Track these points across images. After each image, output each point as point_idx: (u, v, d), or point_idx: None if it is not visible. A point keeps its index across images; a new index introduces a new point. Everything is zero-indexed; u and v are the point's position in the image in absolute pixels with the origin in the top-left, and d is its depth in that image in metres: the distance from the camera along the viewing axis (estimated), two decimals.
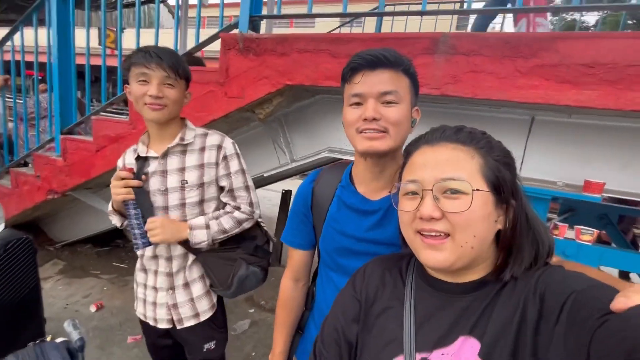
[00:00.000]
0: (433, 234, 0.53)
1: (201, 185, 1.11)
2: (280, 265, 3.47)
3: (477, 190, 0.51)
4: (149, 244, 1.09)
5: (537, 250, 0.56)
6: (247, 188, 1.16)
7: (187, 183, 1.10)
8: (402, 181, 0.59)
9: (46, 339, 1.61)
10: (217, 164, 1.12)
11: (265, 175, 2.18)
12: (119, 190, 1.04)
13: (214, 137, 1.14)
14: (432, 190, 0.53)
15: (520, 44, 1.14)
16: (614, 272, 2.44)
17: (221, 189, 1.16)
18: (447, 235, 0.52)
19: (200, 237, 1.09)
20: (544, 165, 1.53)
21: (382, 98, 0.71)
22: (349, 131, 0.76)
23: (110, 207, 1.18)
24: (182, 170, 1.11)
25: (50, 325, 2.04)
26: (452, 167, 0.53)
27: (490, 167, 0.54)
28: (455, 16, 7.51)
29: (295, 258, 0.97)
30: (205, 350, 1.25)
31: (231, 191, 1.14)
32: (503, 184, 0.54)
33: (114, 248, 3.41)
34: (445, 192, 0.52)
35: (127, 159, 1.19)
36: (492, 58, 1.18)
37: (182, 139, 1.11)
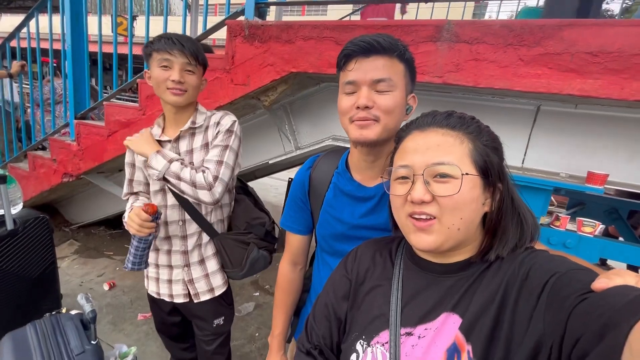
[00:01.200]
0: (424, 216, 0.54)
1: None
2: None
3: (467, 174, 0.53)
4: (138, 269, 1.14)
5: (522, 233, 0.58)
6: (219, 163, 1.10)
7: (193, 165, 1.14)
8: (393, 166, 0.61)
9: (62, 311, 1.71)
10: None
11: (270, 162, 2.21)
12: (135, 226, 1.04)
13: (216, 115, 1.18)
14: (422, 174, 0.54)
15: (524, 32, 1.12)
16: (622, 265, 2.41)
17: None
18: (434, 217, 0.54)
19: (157, 165, 1.07)
20: (548, 155, 1.52)
21: (375, 86, 0.71)
22: (343, 119, 0.76)
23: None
24: (191, 152, 1.16)
25: (66, 301, 2.16)
26: (442, 151, 0.55)
27: (479, 151, 0.55)
28: (471, 4, 7.28)
29: (293, 242, 0.99)
30: (215, 325, 1.32)
31: (206, 161, 1.12)
32: (491, 167, 0.55)
33: (126, 231, 3.53)
34: (436, 176, 0.54)
35: None
36: (495, 46, 1.17)
37: (193, 122, 1.16)
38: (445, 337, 0.54)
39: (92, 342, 1.23)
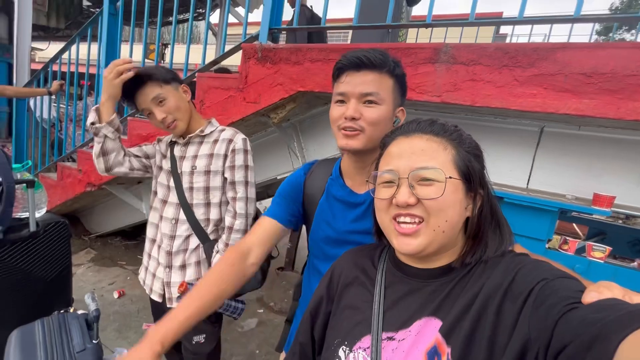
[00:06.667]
0: (408, 219, 0.56)
1: (207, 172, 1.21)
2: (294, 271, 3.52)
3: (450, 177, 0.55)
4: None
5: (501, 239, 0.59)
6: (246, 184, 1.22)
7: (195, 168, 1.21)
8: (378, 170, 0.63)
9: (69, 310, 1.78)
10: (225, 156, 1.22)
11: (278, 177, 2.28)
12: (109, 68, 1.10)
13: (227, 132, 1.25)
14: (407, 178, 0.56)
15: (518, 54, 1.17)
16: None
17: (226, 180, 1.25)
18: (422, 220, 0.55)
19: None
20: (553, 177, 1.51)
21: (363, 98, 0.76)
22: (333, 127, 0.82)
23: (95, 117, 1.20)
24: (195, 157, 1.23)
25: (77, 306, 2.22)
26: (426, 156, 0.56)
27: (462, 157, 0.57)
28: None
29: (263, 223, 0.90)
30: (194, 342, 1.27)
31: (232, 183, 1.22)
32: (473, 173, 0.57)
33: (140, 242, 3.65)
34: (420, 180, 0.56)
35: (166, 139, 1.34)
36: (490, 67, 1.21)
37: (201, 131, 1.25)
38: (425, 340, 0.54)
39: (94, 341, 1.28)
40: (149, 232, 1.32)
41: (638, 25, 3.58)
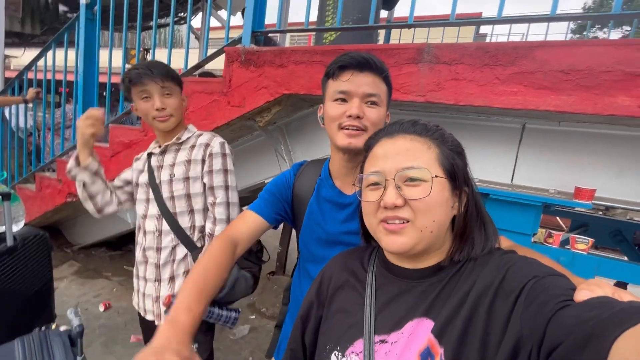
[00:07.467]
0: (397, 221, 0.55)
1: (186, 179, 1.18)
2: (285, 274, 3.49)
3: (436, 176, 0.55)
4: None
5: (487, 235, 0.59)
6: (226, 188, 1.18)
7: (174, 176, 1.18)
8: (364, 173, 0.62)
9: (51, 327, 1.71)
10: (203, 161, 1.19)
11: (266, 181, 2.26)
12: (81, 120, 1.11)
13: (204, 137, 1.22)
14: (394, 179, 0.56)
15: (498, 52, 1.19)
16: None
17: (205, 185, 1.21)
18: (407, 221, 0.55)
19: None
20: (536, 172, 1.54)
21: (366, 99, 0.77)
22: (330, 126, 0.81)
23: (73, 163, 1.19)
24: (173, 165, 1.20)
25: (60, 321, 2.14)
26: (411, 156, 0.56)
27: (446, 155, 0.57)
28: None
29: (247, 217, 0.89)
30: None
31: (211, 188, 1.18)
32: (457, 171, 0.57)
33: (126, 252, 3.56)
34: (406, 180, 0.55)
35: (142, 156, 1.30)
36: (472, 66, 1.23)
37: (178, 138, 1.21)
38: (418, 341, 0.53)
39: (78, 357, 1.23)
40: (138, 254, 1.28)
41: (610, 23, 3.72)
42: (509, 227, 1.46)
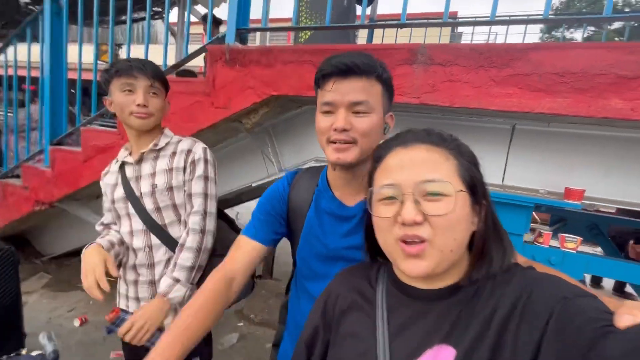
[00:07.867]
0: (417, 240, 0.50)
1: (170, 189, 1.10)
2: (272, 278, 3.42)
3: (460, 191, 0.51)
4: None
5: (504, 250, 0.56)
6: (205, 196, 1.11)
7: (157, 187, 1.09)
8: (375, 185, 0.57)
9: (22, 352, 1.57)
10: (184, 169, 1.11)
11: (253, 185, 2.18)
12: (85, 283, 1.03)
13: (185, 143, 1.15)
14: (412, 193, 0.51)
15: (492, 54, 1.17)
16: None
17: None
18: (424, 240, 0.50)
19: (179, 293, 1.04)
20: (527, 173, 1.55)
21: (352, 108, 0.70)
22: (321, 139, 0.75)
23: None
24: (153, 175, 1.11)
25: (30, 341, 1.98)
26: (429, 168, 0.52)
27: (465, 167, 0.53)
28: (446, 32, 7.72)
29: (243, 247, 0.85)
30: None
31: (189, 196, 1.11)
32: (477, 184, 0.54)
33: None
34: (426, 194, 0.50)
35: (112, 169, 1.20)
36: (467, 68, 1.21)
37: (155, 144, 1.12)
38: None
39: None
40: (127, 275, 1.17)
41: (575, 25, 3.85)
42: None
